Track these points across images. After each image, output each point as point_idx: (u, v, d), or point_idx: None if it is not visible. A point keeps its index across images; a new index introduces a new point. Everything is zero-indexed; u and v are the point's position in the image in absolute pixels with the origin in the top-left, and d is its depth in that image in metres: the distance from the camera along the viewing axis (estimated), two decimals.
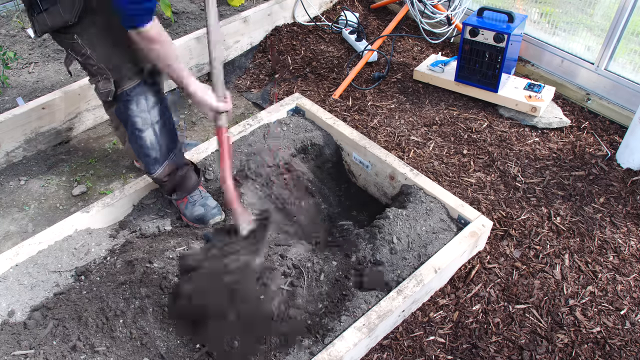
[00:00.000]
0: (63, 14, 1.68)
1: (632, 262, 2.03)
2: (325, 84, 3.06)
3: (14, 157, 2.57)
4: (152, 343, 1.60)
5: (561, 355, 1.75)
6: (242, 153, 2.30)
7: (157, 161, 1.94)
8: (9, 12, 3.43)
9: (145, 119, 1.86)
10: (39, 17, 1.70)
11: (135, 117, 1.85)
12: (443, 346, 1.78)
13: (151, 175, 1.97)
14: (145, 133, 1.87)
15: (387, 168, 2.23)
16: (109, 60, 1.77)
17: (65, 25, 1.70)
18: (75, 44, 1.75)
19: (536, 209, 2.25)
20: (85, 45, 1.75)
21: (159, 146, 1.92)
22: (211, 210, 2.07)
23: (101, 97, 1.84)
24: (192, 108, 2.92)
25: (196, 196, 2.08)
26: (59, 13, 1.68)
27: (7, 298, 1.74)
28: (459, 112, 2.81)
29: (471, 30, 2.67)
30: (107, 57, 1.77)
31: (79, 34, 1.73)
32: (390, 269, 1.83)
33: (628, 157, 2.42)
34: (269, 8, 3.35)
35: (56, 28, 1.72)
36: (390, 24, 3.35)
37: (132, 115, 1.84)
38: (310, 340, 1.65)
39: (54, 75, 2.94)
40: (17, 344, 1.60)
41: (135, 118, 1.85)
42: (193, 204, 2.07)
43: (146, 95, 1.84)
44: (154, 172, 1.95)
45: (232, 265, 1.61)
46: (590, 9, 2.75)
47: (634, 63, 2.65)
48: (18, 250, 1.86)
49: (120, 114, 1.87)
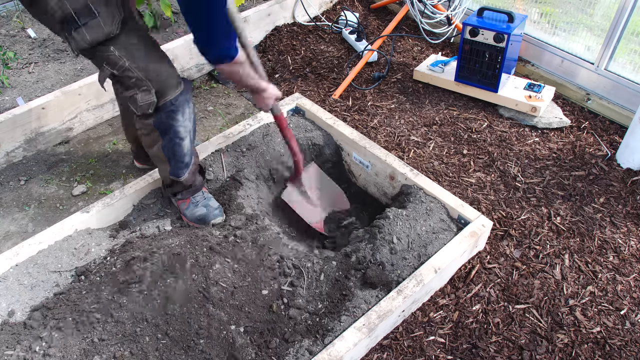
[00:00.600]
0: (104, 26, 1.60)
1: (632, 262, 2.03)
2: (325, 84, 3.06)
3: (14, 157, 2.57)
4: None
5: (561, 355, 1.75)
6: (242, 153, 2.30)
7: (187, 165, 1.96)
8: (9, 12, 3.43)
9: (187, 127, 1.87)
10: (78, 33, 1.59)
11: (179, 127, 1.83)
12: (443, 346, 1.78)
13: (179, 179, 1.97)
14: (185, 141, 1.89)
15: (387, 168, 2.23)
16: (150, 72, 1.71)
17: (107, 38, 1.62)
18: (111, 57, 1.67)
19: (536, 209, 2.25)
20: (123, 57, 1.67)
21: (190, 152, 1.95)
22: (213, 211, 2.06)
23: (140, 110, 1.76)
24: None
25: (199, 197, 2.07)
26: (100, 25, 1.59)
27: (7, 298, 1.74)
28: (459, 112, 2.81)
29: (471, 30, 2.67)
30: (147, 68, 1.71)
31: (115, 46, 1.66)
32: (390, 269, 1.83)
33: (628, 157, 2.42)
34: (269, 8, 3.36)
35: (96, 43, 1.63)
36: (390, 24, 3.35)
37: (176, 124, 1.82)
38: (310, 340, 1.65)
39: (54, 75, 2.94)
40: (17, 343, 1.60)
41: (179, 127, 1.83)
42: (195, 204, 2.06)
43: (189, 103, 1.84)
44: (183, 175, 1.96)
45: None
46: (590, 9, 2.75)
47: (634, 63, 2.64)
48: (18, 250, 1.86)
49: (162, 123, 1.81)
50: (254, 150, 2.31)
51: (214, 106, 2.96)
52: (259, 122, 2.43)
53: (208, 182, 2.22)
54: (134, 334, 1.61)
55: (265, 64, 3.24)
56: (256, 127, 2.40)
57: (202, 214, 2.05)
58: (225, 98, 3.02)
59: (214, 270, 1.76)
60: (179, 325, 1.64)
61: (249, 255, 1.85)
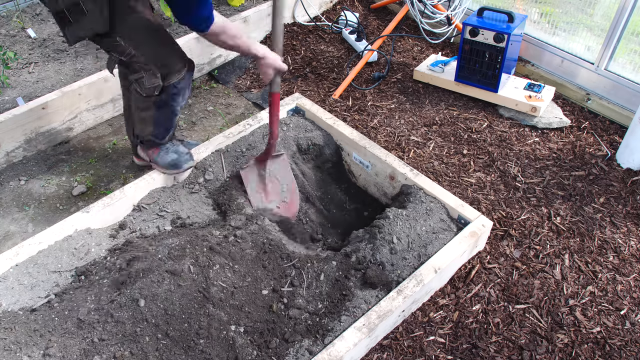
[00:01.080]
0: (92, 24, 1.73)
1: (632, 262, 2.03)
2: (325, 84, 3.06)
3: (14, 157, 2.57)
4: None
5: (561, 355, 1.75)
6: (242, 153, 2.30)
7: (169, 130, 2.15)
8: (9, 12, 3.43)
9: (182, 105, 2.06)
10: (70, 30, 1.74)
11: (177, 107, 2.04)
12: (443, 346, 1.78)
13: (160, 141, 2.15)
14: (177, 116, 2.11)
15: (387, 168, 2.23)
16: (156, 57, 1.86)
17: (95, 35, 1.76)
18: (118, 46, 1.81)
19: (536, 209, 2.25)
20: (129, 46, 1.81)
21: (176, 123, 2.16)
22: (184, 155, 2.16)
23: (145, 91, 1.92)
24: (192, 108, 2.92)
25: (168, 144, 2.19)
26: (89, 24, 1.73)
27: (7, 298, 1.74)
28: (459, 112, 2.81)
29: (471, 30, 2.67)
30: (152, 53, 1.85)
31: (121, 37, 1.79)
32: (390, 269, 1.83)
33: (628, 157, 2.42)
34: (269, 8, 3.35)
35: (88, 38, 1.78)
36: (390, 24, 3.35)
37: (175, 105, 2.01)
38: (310, 340, 1.65)
39: (54, 75, 2.94)
40: (17, 343, 1.60)
41: (177, 107, 2.04)
42: (166, 151, 2.17)
43: (189, 85, 2.00)
44: (164, 139, 2.15)
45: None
46: (590, 9, 2.75)
47: (634, 63, 2.64)
48: (18, 250, 1.86)
49: (163, 103, 1.98)
50: (254, 150, 2.31)
51: (214, 106, 2.96)
52: (259, 122, 2.43)
53: (208, 182, 2.22)
54: (134, 334, 1.61)
55: None
56: (256, 127, 2.40)
57: (174, 159, 2.15)
58: (225, 98, 3.02)
59: (214, 271, 1.76)
60: (179, 325, 1.64)
61: (249, 255, 1.85)
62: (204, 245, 1.83)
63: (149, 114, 2.05)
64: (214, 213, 2.15)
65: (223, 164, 2.25)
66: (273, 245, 1.89)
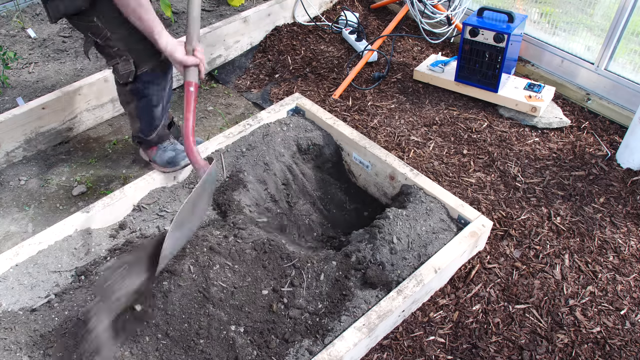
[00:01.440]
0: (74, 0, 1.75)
1: (632, 262, 2.03)
2: (325, 84, 3.06)
3: (14, 157, 2.57)
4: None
5: (561, 355, 1.75)
6: (242, 153, 2.30)
7: (155, 128, 2.18)
8: (9, 12, 3.43)
9: (160, 97, 2.07)
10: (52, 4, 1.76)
11: (152, 95, 2.04)
12: (443, 346, 1.78)
13: (147, 138, 2.19)
14: (157, 108, 2.11)
15: (387, 168, 2.23)
16: (129, 42, 1.86)
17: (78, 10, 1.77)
18: (94, 26, 1.82)
19: (536, 209, 2.25)
20: (105, 28, 1.81)
21: (161, 116, 2.16)
22: (181, 153, 2.19)
23: (121, 78, 1.94)
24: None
25: (166, 143, 2.24)
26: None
27: (7, 298, 1.74)
28: (459, 112, 2.81)
29: (471, 30, 2.67)
30: (126, 39, 1.85)
31: (98, 17, 1.80)
32: (390, 269, 1.83)
33: (628, 157, 2.42)
34: (269, 8, 3.35)
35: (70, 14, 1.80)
36: (390, 24, 3.35)
37: (150, 93, 2.02)
38: (310, 340, 1.65)
39: (54, 75, 2.94)
40: (17, 343, 1.60)
41: (152, 96, 2.04)
42: (164, 149, 2.21)
43: (165, 77, 2.04)
44: (150, 135, 2.19)
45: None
46: (590, 9, 2.75)
47: (634, 63, 2.65)
48: (18, 250, 1.86)
49: (139, 91, 2.01)
50: (254, 151, 2.31)
51: (214, 106, 2.96)
52: (259, 122, 2.43)
53: None
54: (133, 334, 1.61)
55: (266, 64, 3.24)
56: (256, 127, 2.40)
57: (171, 156, 2.18)
58: (225, 98, 3.02)
59: (214, 270, 1.76)
60: (179, 325, 1.64)
61: (249, 255, 1.85)
62: (204, 245, 1.83)
63: (132, 106, 2.10)
64: (214, 213, 2.15)
65: (223, 164, 2.25)
66: (273, 245, 1.89)
